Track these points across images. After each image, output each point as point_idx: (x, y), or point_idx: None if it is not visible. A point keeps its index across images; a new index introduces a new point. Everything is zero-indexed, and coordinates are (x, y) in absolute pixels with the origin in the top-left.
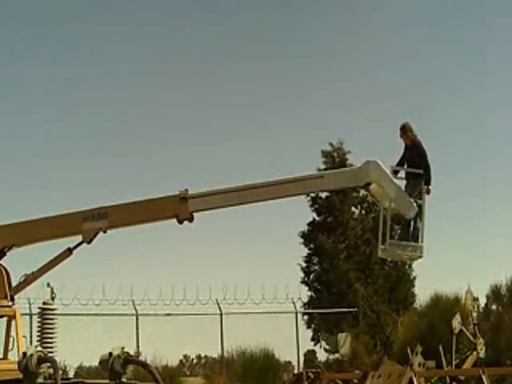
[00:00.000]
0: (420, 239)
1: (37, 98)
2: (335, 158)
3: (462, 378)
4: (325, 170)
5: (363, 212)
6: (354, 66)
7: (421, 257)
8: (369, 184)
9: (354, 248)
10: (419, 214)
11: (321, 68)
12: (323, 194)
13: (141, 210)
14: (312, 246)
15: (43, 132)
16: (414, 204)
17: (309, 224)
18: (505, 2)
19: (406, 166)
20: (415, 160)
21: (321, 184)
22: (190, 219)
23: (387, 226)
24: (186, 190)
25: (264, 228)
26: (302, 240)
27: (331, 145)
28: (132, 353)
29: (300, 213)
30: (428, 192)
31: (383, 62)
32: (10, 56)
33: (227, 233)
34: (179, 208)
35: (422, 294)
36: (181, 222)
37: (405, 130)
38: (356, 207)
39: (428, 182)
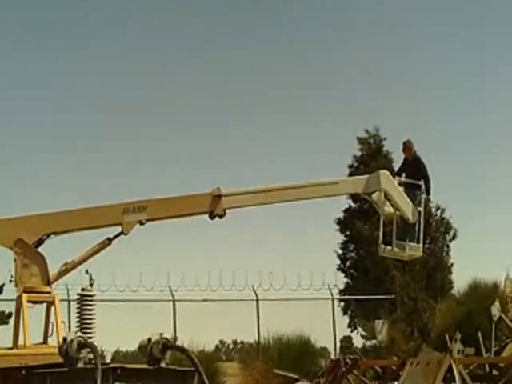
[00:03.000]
0: (417, 240)
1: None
2: (371, 145)
3: (502, 365)
4: (361, 156)
5: None
6: (389, 53)
7: (419, 256)
8: (373, 192)
9: (391, 235)
10: (418, 218)
11: (356, 54)
12: None
13: (178, 205)
14: (348, 232)
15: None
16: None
17: (345, 211)
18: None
19: (404, 176)
20: (415, 172)
21: (336, 189)
22: (223, 215)
23: (393, 229)
24: (218, 188)
25: (300, 215)
26: (337, 227)
27: (367, 131)
28: (169, 338)
29: (336, 199)
30: (428, 200)
31: (418, 47)
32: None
33: (263, 220)
34: (214, 205)
35: (460, 280)
36: (212, 218)
37: (407, 146)
38: None
39: (428, 192)
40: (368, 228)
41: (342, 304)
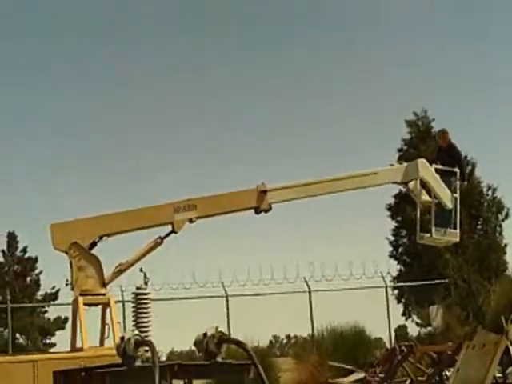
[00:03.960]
0: (454, 226)
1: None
2: (420, 127)
3: None
4: (410, 139)
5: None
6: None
7: (457, 241)
8: (411, 180)
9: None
10: (455, 204)
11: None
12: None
13: (225, 202)
14: (399, 218)
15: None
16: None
17: (395, 196)
18: None
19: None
20: (451, 160)
21: (375, 179)
22: (268, 210)
23: (432, 216)
24: (263, 183)
25: (350, 203)
26: (388, 213)
27: (415, 114)
28: (224, 332)
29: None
30: (462, 186)
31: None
32: None
33: (313, 210)
34: (260, 200)
35: None
36: (258, 213)
37: (444, 135)
38: None
39: (464, 179)
40: None
41: (396, 292)
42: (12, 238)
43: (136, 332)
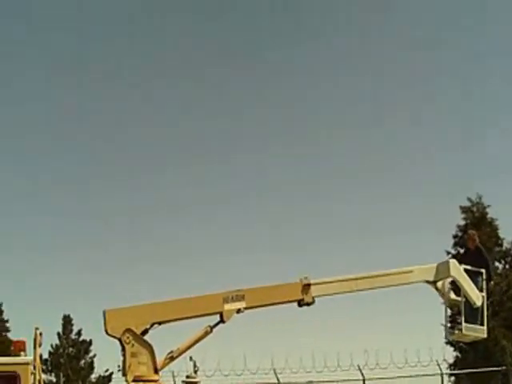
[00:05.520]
0: (481, 322)
1: None
2: (475, 213)
3: None
4: (465, 226)
5: (507, 266)
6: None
7: (484, 337)
8: (441, 279)
9: (500, 304)
10: (482, 302)
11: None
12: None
13: (271, 294)
14: None
15: None
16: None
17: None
18: None
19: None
20: (478, 261)
21: (411, 277)
22: (312, 303)
23: (462, 314)
24: (306, 277)
25: (403, 289)
26: None
27: (470, 200)
28: None
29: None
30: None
31: None
32: None
33: (365, 297)
34: (304, 293)
35: None
36: (301, 306)
37: (473, 237)
38: (499, 262)
39: (490, 279)
40: None
41: (453, 379)
42: (67, 321)
43: None
